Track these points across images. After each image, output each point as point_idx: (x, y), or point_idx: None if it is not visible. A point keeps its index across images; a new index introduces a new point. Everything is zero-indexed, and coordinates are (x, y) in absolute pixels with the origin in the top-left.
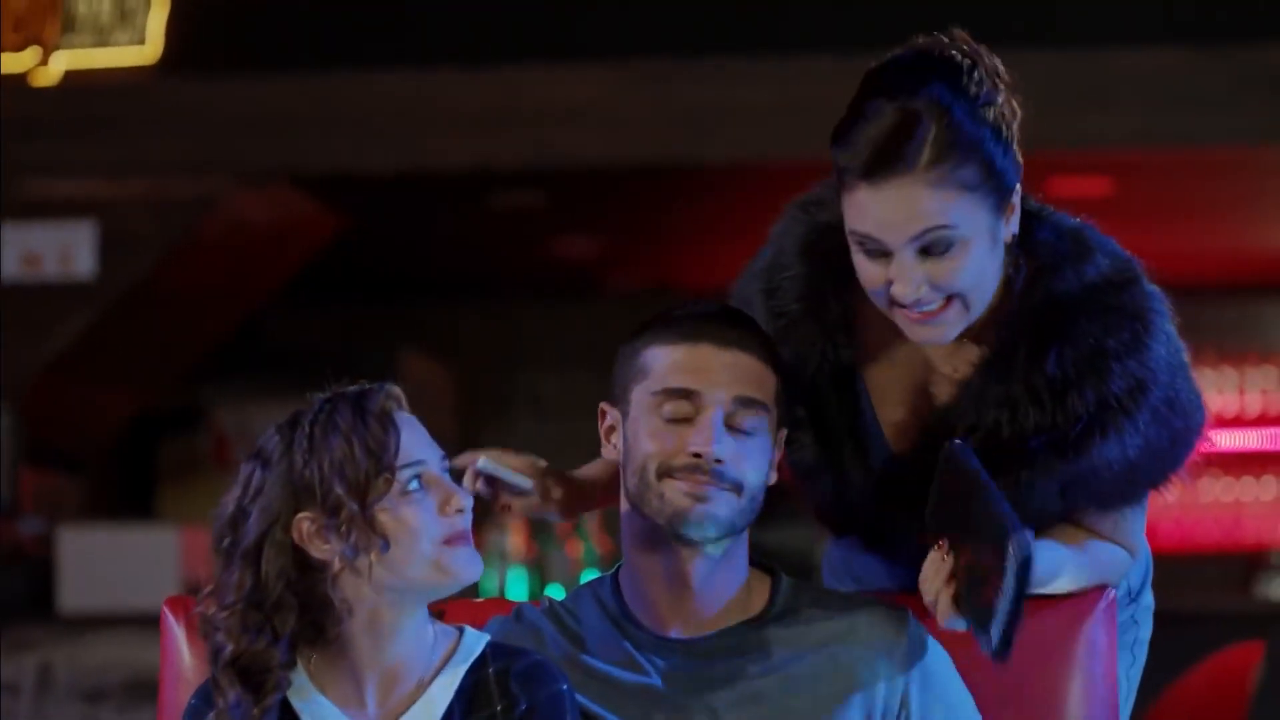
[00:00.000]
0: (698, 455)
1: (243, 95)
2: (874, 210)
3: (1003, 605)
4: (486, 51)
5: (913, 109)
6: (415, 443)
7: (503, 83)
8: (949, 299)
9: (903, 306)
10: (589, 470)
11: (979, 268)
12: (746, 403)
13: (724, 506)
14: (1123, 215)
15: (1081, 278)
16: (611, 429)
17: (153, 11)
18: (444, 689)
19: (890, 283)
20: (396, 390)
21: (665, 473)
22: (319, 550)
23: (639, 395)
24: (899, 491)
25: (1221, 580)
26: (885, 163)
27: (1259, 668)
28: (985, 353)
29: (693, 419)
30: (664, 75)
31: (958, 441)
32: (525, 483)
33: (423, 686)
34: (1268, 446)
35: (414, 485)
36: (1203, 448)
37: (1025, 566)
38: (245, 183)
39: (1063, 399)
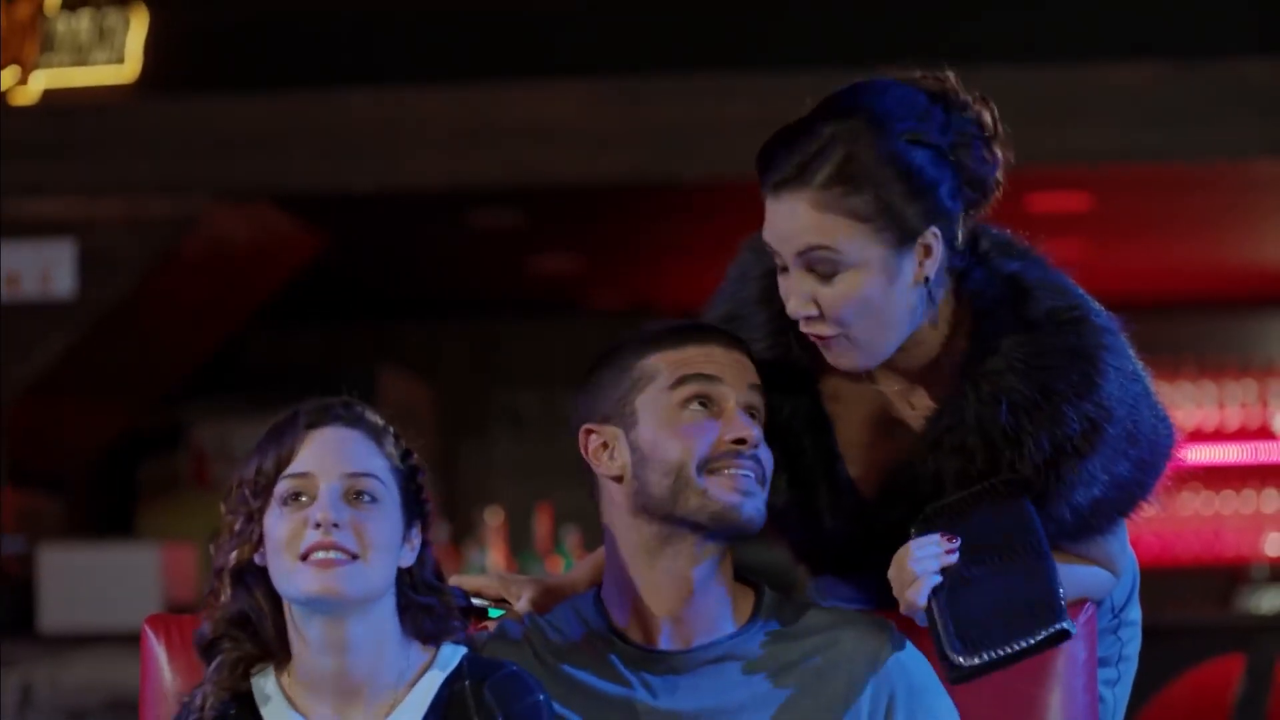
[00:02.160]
0: (740, 441)
1: (222, 114)
2: (771, 221)
3: (1008, 648)
4: (464, 70)
5: (827, 131)
6: (314, 455)
7: (480, 101)
8: (836, 334)
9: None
10: (574, 572)
11: (870, 301)
12: (756, 397)
13: (761, 500)
14: (1102, 230)
15: (1020, 322)
16: (604, 446)
17: (131, 31)
18: (418, 702)
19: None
20: (339, 403)
21: (706, 468)
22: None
23: (650, 399)
24: (870, 534)
25: (1202, 594)
26: (780, 174)
27: (1240, 681)
28: (937, 395)
29: (716, 412)
30: (641, 92)
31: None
32: (481, 604)
33: (397, 701)
34: (1247, 460)
35: (298, 499)
36: (1173, 469)
37: (1057, 639)
38: (225, 202)
39: (1019, 446)
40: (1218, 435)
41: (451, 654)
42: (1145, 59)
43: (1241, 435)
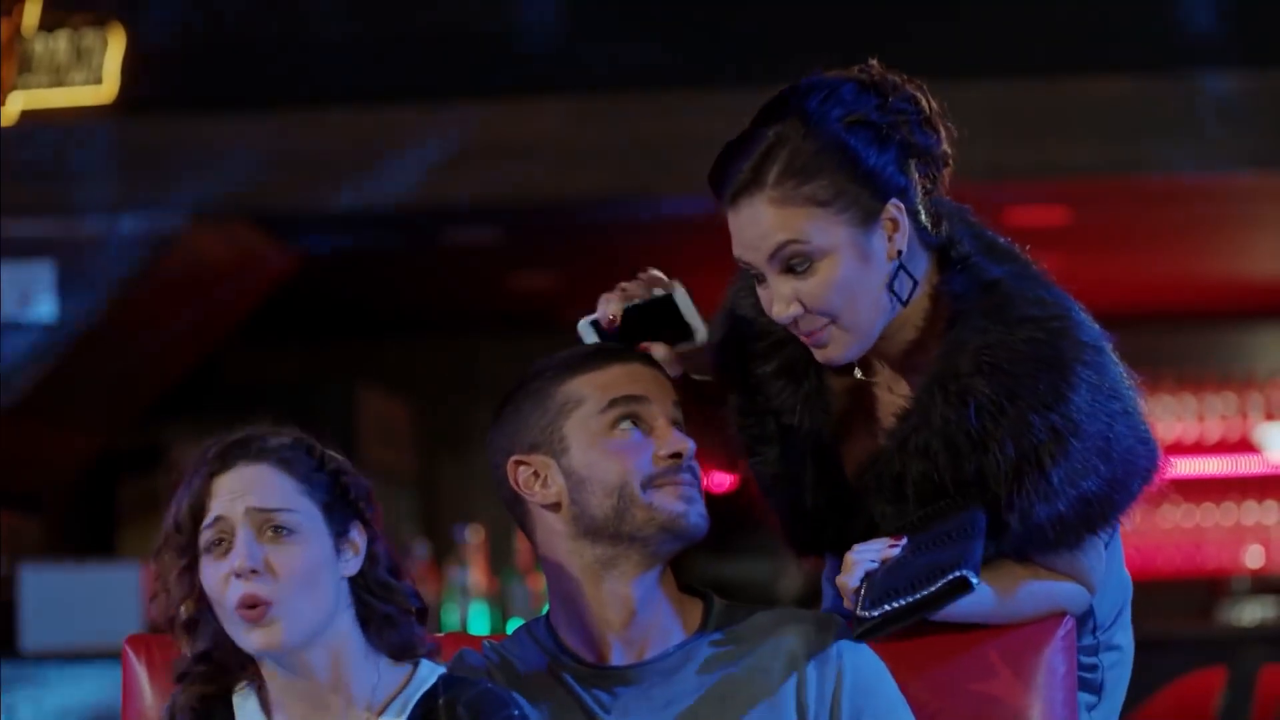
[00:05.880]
0: (677, 455)
1: (199, 134)
2: (737, 233)
3: (906, 599)
4: (440, 88)
5: (769, 133)
6: (222, 500)
7: (457, 119)
8: (825, 325)
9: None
10: None
11: (848, 284)
12: (679, 411)
13: (702, 506)
14: (1081, 243)
15: (992, 326)
16: (535, 476)
17: (109, 51)
18: None
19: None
20: (236, 442)
21: (650, 484)
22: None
23: (579, 424)
24: (845, 520)
25: (1183, 606)
26: (734, 184)
27: (1221, 694)
28: (912, 390)
29: (646, 429)
30: (618, 109)
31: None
32: (700, 329)
33: None
34: (1228, 473)
35: (219, 545)
36: (1153, 488)
37: (956, 589)
38: (202, 221)
39: (984, 451)
40: (1198, 448)
41: (428, 674)
42: (1122, 72)
43: (1222, 448)
